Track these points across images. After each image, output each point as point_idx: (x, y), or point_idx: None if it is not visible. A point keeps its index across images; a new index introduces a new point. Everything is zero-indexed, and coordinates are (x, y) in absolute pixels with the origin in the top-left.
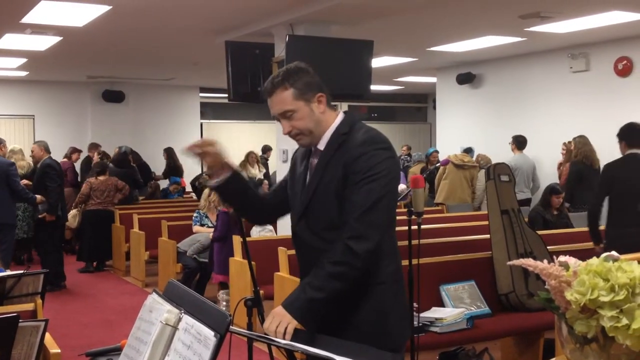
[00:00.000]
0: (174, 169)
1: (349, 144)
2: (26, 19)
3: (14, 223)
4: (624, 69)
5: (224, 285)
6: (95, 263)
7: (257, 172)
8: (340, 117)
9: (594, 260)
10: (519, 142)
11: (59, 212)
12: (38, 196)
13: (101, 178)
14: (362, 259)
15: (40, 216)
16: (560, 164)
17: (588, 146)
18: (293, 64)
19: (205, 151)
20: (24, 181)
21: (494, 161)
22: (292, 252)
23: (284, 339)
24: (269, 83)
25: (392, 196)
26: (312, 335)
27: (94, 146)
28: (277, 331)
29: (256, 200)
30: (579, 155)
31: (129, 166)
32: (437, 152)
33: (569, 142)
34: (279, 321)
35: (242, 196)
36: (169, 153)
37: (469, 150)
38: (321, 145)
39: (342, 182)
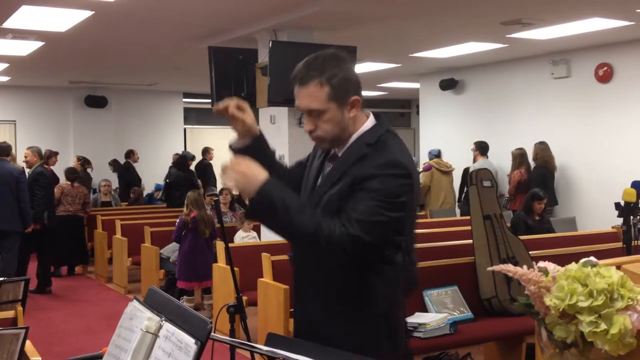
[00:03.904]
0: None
1: (368, 162)
2: (7, 24)
3: (21, 231)
4: (604, 75)
5: (190, 292)
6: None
7: None
8: (369, 123)
9: (572, 266)
10: (482, 148)
11: (45, 221)
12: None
13: (70, 184)
14: (337, 248)
15: None
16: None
17: (547, 152)
18: (331, 52)
19: (235, 115)
20: None
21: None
22: (276, 258)
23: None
24: (303, 69)
25: (396, 223)
26: (294, 341)
27: (207, 150)
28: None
29: (279, 169)
30: (539, 159)
31: (188, 170)
32: None
33: (517, 150)
34: (244, 172)
35: (263, 162)
36: (115, 165)
37: (439, 154)
38: (340, 151)
39: (346, 200)
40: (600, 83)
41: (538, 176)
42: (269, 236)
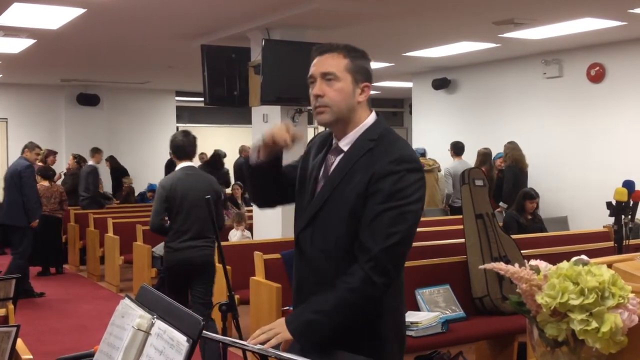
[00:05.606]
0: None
1: (377, 155)
2: None
3: (25, 225)
4: (596, 75)
5: None
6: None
7: None
8: (371, 119)
9: (564, 264)
10: (457, 148)
11: None
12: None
13: (45, 184)
14: (380, 291)
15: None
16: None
17: (517, 151)
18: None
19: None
20: None
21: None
22: (268, 256)
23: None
24: (326, 44)
25: (416, 224)
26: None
27: (244, 149)
28: (264, 338)
29: (275, 182)
30: (507, 160)
31: (221, 168)
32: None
33: (483, 149)
34: (271, 329)
35: (272, 180)
36: (111, 161)
37: (424, 153)
38: (344, 145)
39: (362, 199)
40: (592, 83)
41: (510, 176)
42: (261, 235)
